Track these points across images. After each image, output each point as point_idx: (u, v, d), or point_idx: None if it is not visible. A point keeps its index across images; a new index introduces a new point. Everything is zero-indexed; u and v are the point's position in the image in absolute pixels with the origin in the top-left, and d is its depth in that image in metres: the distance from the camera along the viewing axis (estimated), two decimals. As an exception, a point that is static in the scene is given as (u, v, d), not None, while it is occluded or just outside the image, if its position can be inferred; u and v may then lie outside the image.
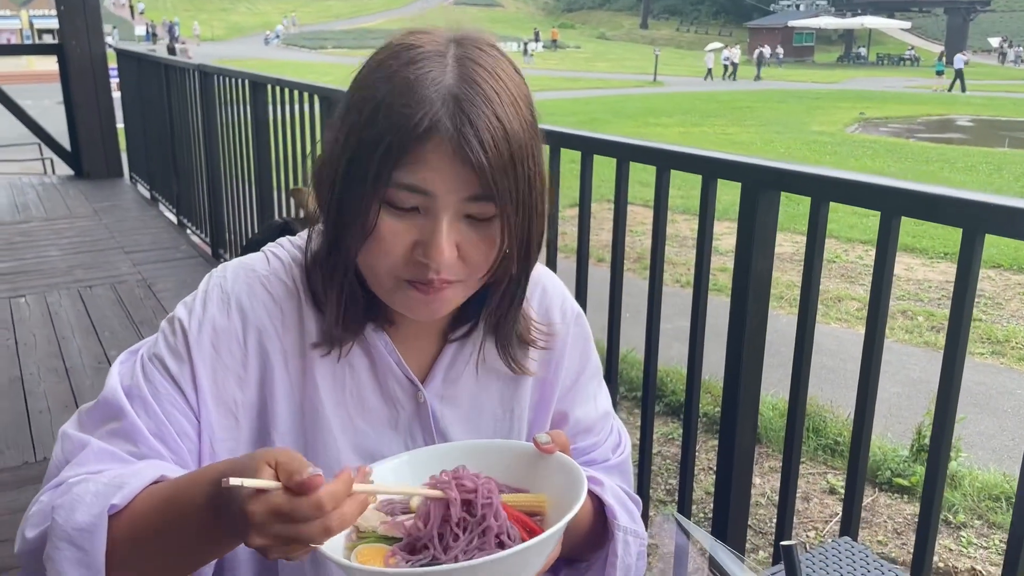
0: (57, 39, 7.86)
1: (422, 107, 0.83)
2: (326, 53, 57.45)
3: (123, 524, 0.80)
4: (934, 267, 8.47)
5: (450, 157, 0.83)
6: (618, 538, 1.01)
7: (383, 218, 0.86)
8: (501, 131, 0.84)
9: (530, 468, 0.91)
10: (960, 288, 1.42)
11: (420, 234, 0.87)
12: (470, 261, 0.89)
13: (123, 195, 7.59)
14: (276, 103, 4.32)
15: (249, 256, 1.01)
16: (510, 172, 0.85)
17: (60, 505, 0.81)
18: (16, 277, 5.13)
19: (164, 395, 0.91)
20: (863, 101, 27.95)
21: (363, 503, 0.74)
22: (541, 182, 0.91)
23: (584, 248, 2.30)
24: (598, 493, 1.03)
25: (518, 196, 0.87)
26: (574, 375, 1.11)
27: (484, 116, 0.84)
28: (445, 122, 0.83)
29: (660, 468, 3.91)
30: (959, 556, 3.44)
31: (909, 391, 5.37)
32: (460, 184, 0.85)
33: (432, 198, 0.85)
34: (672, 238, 9.04)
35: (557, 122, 2.23)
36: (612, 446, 1.15)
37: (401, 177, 0.84)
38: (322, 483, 0.70)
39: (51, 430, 3.24)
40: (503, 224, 0.87)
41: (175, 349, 0.93)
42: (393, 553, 0.81)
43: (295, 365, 0.97)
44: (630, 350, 5.03)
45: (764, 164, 1.77)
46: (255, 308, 0.96)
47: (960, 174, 14.13)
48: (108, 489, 0.81)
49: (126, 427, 0.89)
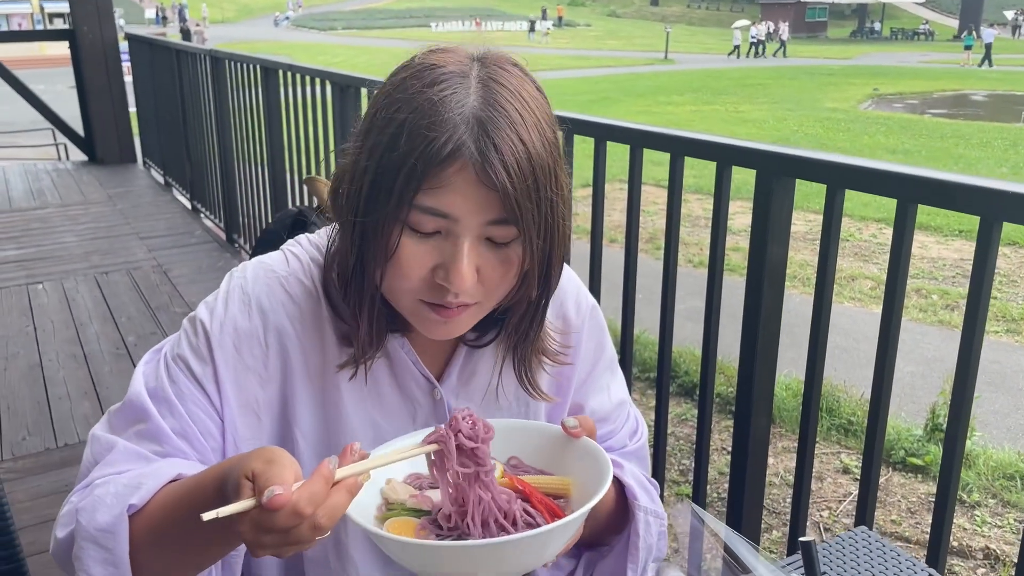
0: (68, 24, 7.86)
1: (446, 130, 0.82)
2: (336, 34, 57.24)
3: (143, 523, 0.83)
4: (948, 245, 8.42)
5: (474, 181, 0.82)
6: (639, 518, 1.03)
7: (404, 241, 0.86)
8: (525, 154, 0.83)
9: (555, 451, 0.91)
10: (977, 276, 1.42)
11: (441, 257, 0.86)
12: (489, 283, 0.89)
13: (137, 180, 7.63)
14: (288, 86, 4.32)
15: (269, 256, 1.02)
16: (533, 196, 0.84)
17: (83, 508, 0.84)
18: (34, 264, 5.18)
19: (188, 396, 0.93)
20: (876, 77, 27.66)
21: (352, 488, 0.73)
22: (564, 203, 0.90)
23: (598, 234, 2.30)
24: (618, 475, 1.04)
25: (540, 219, 0.86)
26: (589, 367, 1.12)
27: (508, 139, 0.83)
28: (469, 145, 0.82)
29: (673, 448, 3.93)
30: (973, 535, 3.45)
31: (923, 370, 5.36)
32: (483, 208, 0.84)
33: (454, 221, 0.84)
34: (684, 217, 9.00)
35: (567, 102, 2.22)
36: (629, 433, 1.16)
37: (424, 200, 0.83)
38: (285, 500, 0.69)
39: (71, 416, 3.29)
40: (524, 247, 0.87)
41: (198, 351, 0.95)
42: (423, 527, 0.83)
43: (315, 364, 0.98)
44: (643, 331, 5.03)
45: (779, 151, 1.76)
46: (275, 309, 0.97)
47: (975, 150, 13.99)
48: (127, 490, 0.83)
49: (151, 428, 0.91)
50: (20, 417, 3.28)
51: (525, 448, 0.92)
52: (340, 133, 3.69)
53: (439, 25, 64.25)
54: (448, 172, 0.82)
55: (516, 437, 0.93)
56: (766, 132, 15.98)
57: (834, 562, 1.13)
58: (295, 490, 0.70)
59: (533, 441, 0.93)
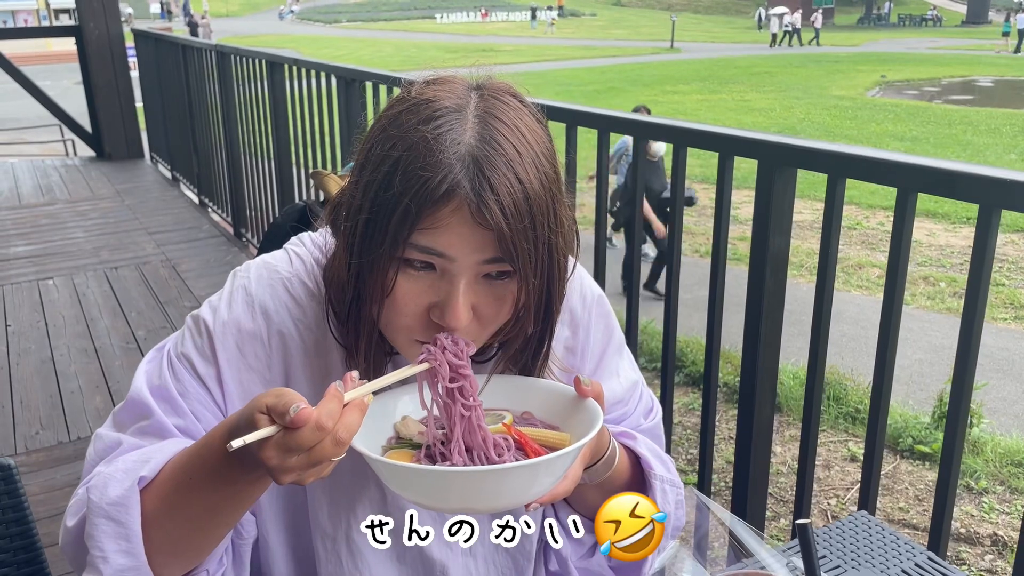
0: (75, 20, 7.89)
1: (440, 170, 0.81)
2: (340, 27, 57.19)
3: (153, 495, 0.85)
4: (956, 232, 8.40)
5: (469, 221, 0.82)
6: (656, 487, 1.04)
7: (400, 280, 0.86)
8: (522, 193, 0.83)
9: (564, 409, 0.94)
10: (976, 262, 1.43)
11: (436, 295, 0.86)
12: (483, 319, 0.89)
13: (144, 176, 7.67)
14: (293, 80, 4.34)
15: (272, 255, 1.03)
16: (530, 235, 0.84)
17: (94, 486, 0.86)
18: (44, 259, 5.22)
19: (192, 393, 0.95)
20: (884, 64, 27.52)
21: (361, 407, 0.77)
22: (563, 239, 0.90)
23: (601, 226, 2.32)
24: (631, 446, 1.05)
25: (537, 258, 0.86)
26: (599, 354, 1.13)
27: (504, 178, 0.82)
28: (464, 185, 0.81)
29: (681, 438, 3.95)
30: (981, 522, 3.46)
31: (931, 357, 5.36)
32: (479, 247, 0.83)
33: (450, 261, 0.84)
34: (692, 208, 9.00)
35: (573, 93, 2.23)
36: (644, 411, 1.17)
37: (419, 240, 0.83)
38: (310, 413, 0.73)
39: (83, 410, 3.32)
40: (521, 286, 0.87)
41: (202, 350, 0.96)
42: (418, 457, 0.86)
43: (318, 365, 0.99)
44: (650, 320, 5.05)
45: (780, 141, 1.77)
46: (279, 311, 0.98)
47: (983, 136, 13.93)
48: (136, 464, 0.86)
49: (154, 425, 0.93)
50: (33, 411, 3.32)
51: (540, 404, 0.95)
52: (345, 127, 3.71)
53: (444, 16, 64.08)
54: (443, 212, 0.82)
55: (532, 393, 0.96)
56: (773, 120, 15.93)
57: (834, 546, 1.15)
58: (315, 409, 0.74)
59: (547, 398, 0.95)
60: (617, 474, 1.02)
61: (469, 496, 0.80)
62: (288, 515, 1.03)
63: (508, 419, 0.92)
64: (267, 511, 1.01)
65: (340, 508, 1.01)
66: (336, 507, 1.01)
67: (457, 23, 61.13)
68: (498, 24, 60.80)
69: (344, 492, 1.01)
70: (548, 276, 0.89)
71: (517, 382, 0.97)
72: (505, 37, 45.27)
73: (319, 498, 1.01)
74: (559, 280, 0.91)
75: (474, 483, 0.79)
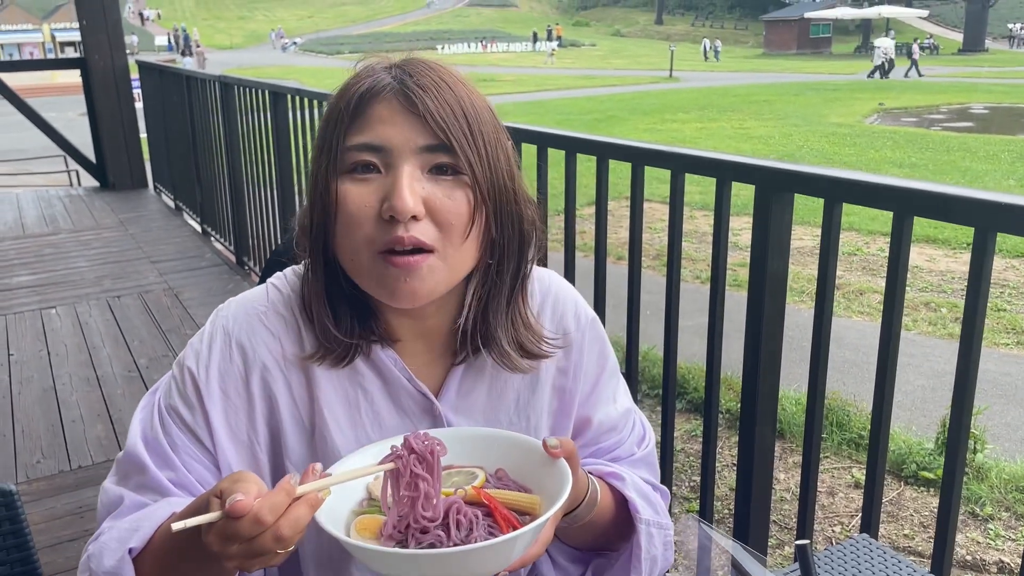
0: (80, 53, 7.98)
1: (368, 76, 0.93)
2: (343, 58, 57.63)
3: (147, 562, 0.89)
4: (957, 258, 8.40)
5: (399, 110, 0.90)
6: (641, 531, 1.04)
7: (347, 188, 0.91)
8: (445, 86, 0.91)
9: (536, 467, 0.91)
10: (973, 286, 1.44)
11: (384, 192, 0.90)
12: (441, 220, 0.90)
13: (148, 205, 7.71)
14: (296, 110, 4.38)
15: (252, 291, 1.06)
16: (462, 120, 0.90)
17: (92, 553, 0.90)
18: (46, 289, 5.24)
19: (182, 447, 0.97)
20: (882, 91, 27.70)
21: (312, 503, 0.76)
22: (507, 160, 0.95)
23: (602, 249, 2.33)
24: (620, 488, 1.05)
25: (478, 148, 0.91)
26: (593, 380, 1.13)
27: (427, 74, 0.92)
28: (388, 80, 0.91)
29: (684, 465, 3.93)
30: (987, 549, 3.43)
31: (934, 383, 5.34)
32: (412, 133, 0.90)
33: (387, 152, 0.90)
34: (690, 234, 9.03)
35: (573, 122, 2.26)
36: (637, 440, 1.17)
37: (353, 139, 0.91)
38: (246, 506, 0.72)
39: (85, 438, 3.32)
40: (472, 181, 0.91)
41: (187, 398, 0.98)
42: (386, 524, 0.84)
43: (301, 396, 1.01)
44: (651, 347, 5.04)
45: (777, 166, 1.79)
46: (256, 347, 1.00)
47: (981, 163, 13.97)
48: (126, 534, 0.89)
49: (150, 480, 0.96)
50: (35, 440, 3.32)
51: (512, 461, 0.93)
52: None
53: (446, 47, 64.68)
54: (371, 106, 0.91)
55: (505, 449, 0.94)
56: (772, 148, 16.00)
57: (835, 569, 1.14)
58: (256, 501, 0.73)
59: (520, 456, 0.93)
60: (601, 514, 1.02)
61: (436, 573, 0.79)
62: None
63: (480, 480, 0.90)
64: None
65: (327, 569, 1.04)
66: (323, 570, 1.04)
67: (459, 54, 61.64)
68: (499, 55, 61.32)
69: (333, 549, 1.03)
70: (495, 175, 0.93)
71: (493, 437, 0.96)
72: (506, 67, 45.63)
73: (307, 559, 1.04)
74: (511, 192, 0.95)
75: (440, 563, 0.78)
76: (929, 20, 65.40)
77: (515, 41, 68.38)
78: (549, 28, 67.74)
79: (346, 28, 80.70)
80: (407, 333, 1.02)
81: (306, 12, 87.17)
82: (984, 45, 53.64)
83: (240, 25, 79.32)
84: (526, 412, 1.09)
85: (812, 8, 60.41)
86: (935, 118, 21.58)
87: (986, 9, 53.61)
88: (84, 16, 7.64)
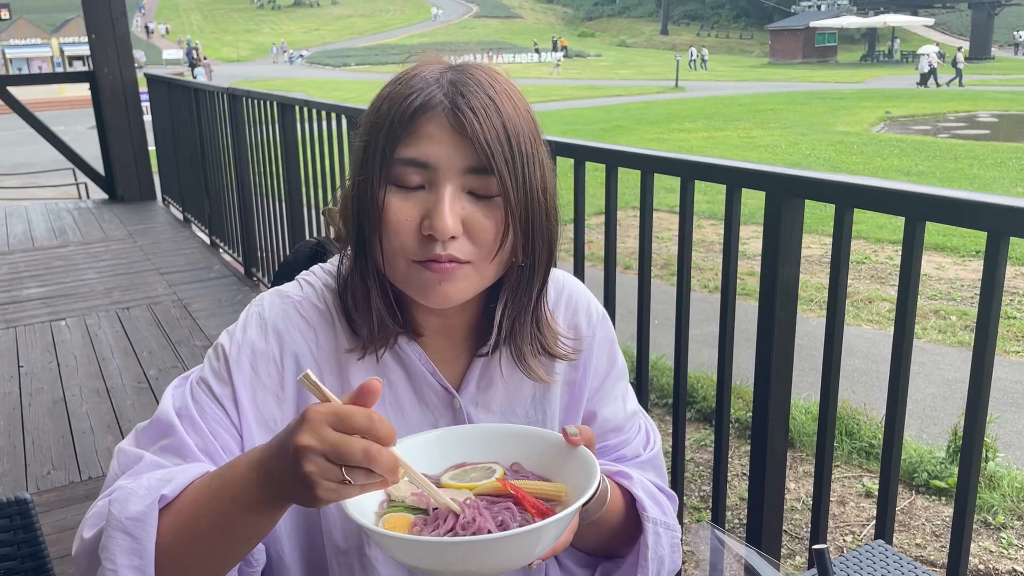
0: (89, 66, 8.04)
1: (420, 89, 0.93)
2: (349, 70, 57.97)
3: (172, 515, 0.87)
4: (966, 266, 8.37)
5: (448, 130, 0.91)
6: (648, 530, 1.05)
7: (391, 199, 0.93)
8: (494, 108, 0.92)
9: (555, 457, 0.94)
10: (987, 290, 1.43)
11: (426, 209, 0.92)
12: (477, 239, 0.94)
13: (156, 217, 7.74)
14: (304, 121, 4.40)
15: (284, 285, 1.08)
16: (505, 145, 0.92)
17: (115, 499, 0.88)
18: (56, 301, 5.26)
19: (210, 414, 0.98)
20: (888, 100, 27.68)
21: (395, 459, 0.76)
22: (543, 176, 0.96)
23: (611, 258, 2.33)
24: (627, 487, 1.06)
25: (517, 173, 0.93)
26: (601, 376, 1.15)
27: (478, 95, 0.92)
28: (440, 98, 0.92)
29: (694, 475, 3.92)
30: (1000, 558, 3.41)
31: (944, 391, 5.32)
32: (458, 155, 0.91)
33: (433, 171, 0.92)
34: (699, 243, 9.03)
35: (580, 131, 2.26)
36: (642, 442, 1.18)
37: (402, 153, 0.92)
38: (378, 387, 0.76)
39: (95, 450, 3.33)
40: (506, 203, 0.92)
41: (218, 372, 1.00)
42: (416, 524, 0.86)
43: (331, 383, 1.03)
44: (660, 356, 5.04)
45: (787, 172, 1.79)
46: (290, 331, 1.02)
47: (989, 170, 13.94)
48: (159, 483, 0.88)
49: (176, 443, 0.95)
50: (45, 451, 3.32)
51: (529, 454, 0.95)
52: (356, 166, 3.75)
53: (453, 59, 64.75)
54: (421, 122, 0.92)
55: (520, 443, 0.96)
56: (779, 157, 15.99)
57: (851, 574, 1.14)
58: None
59: (536, 448, 0.96)
60: (611, 512, 1.03)
61: (472, 562, 0.80)
62: (302, 532, 1.05)
63: (499, 473, 0.92)
64: (282, 528, 1.03)
65: (353, 524, 1.02)
66: (349, 523, 1.03)
67: (465, 65, 61.69)
68: (505, 65, 61.49)
69: None
70: (530, 196, 0.95)
71: (503, 432, 0.98)
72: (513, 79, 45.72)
73: (333, 515, 1.03)
74: (544, 209, 0.97)
75: (478, 551, 0.79)
76: (935, 28, 65.39)
77: (520, 52, 68.60)
78: (554, 40, 67.94)
79: (352, 40, 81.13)
80: (431, 328, 1.05)
81: (312, 25, 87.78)
82: (990, 53, 53.59)
83: (247, 38, 79.84)
84: (542, 406, 1.11)
85: (817, 17, 60.46)
86: (943, 126, 21.55)
87: (992, 17, 53.57)
88: (93, 30, 7.70)
